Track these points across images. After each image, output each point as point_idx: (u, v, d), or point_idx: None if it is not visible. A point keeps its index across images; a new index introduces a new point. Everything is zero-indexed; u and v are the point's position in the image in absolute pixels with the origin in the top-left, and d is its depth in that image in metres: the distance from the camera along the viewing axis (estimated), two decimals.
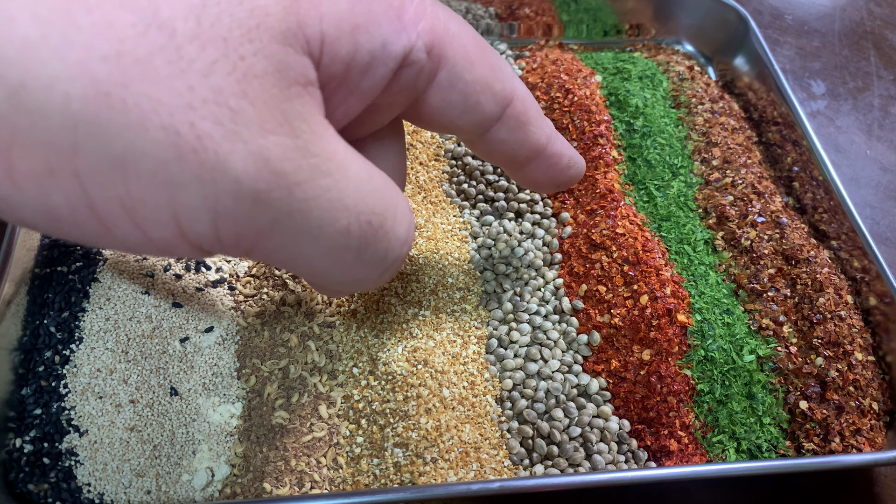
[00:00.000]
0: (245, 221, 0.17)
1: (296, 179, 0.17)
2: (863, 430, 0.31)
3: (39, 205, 0.16)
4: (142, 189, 0.16)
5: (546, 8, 0.51)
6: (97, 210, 0.16)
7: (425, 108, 0.23)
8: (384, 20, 0.20)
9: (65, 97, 0.15)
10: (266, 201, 0.17)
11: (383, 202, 0.20)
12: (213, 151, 0.16)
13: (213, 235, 0.17)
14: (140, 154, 0.15)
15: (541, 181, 0.28)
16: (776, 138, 0.43)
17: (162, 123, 0.15)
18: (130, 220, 0.16)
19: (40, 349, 0.30)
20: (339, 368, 0.32)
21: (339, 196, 0.18)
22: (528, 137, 0.26)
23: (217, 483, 0.29)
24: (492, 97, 0.24)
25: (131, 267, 0.32)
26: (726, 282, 0.36)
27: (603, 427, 0.31)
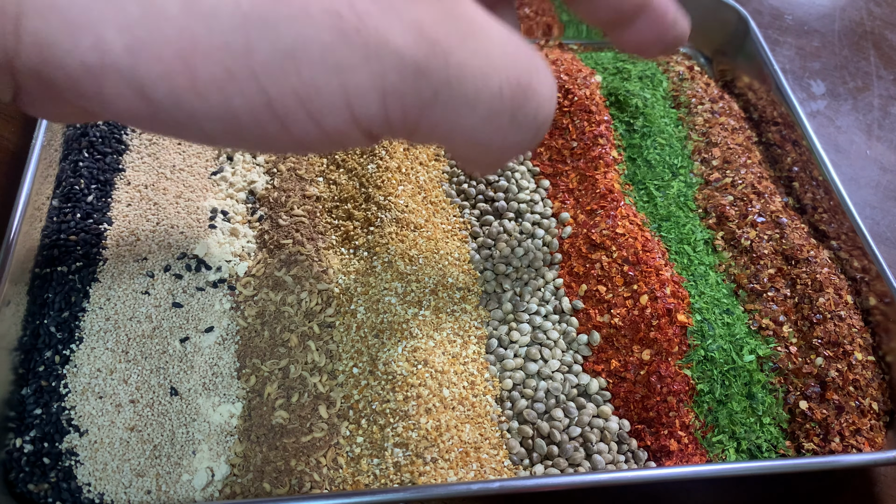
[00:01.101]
0: (410, 96, 0.17)
1: (448, 45, 0.17)
2: (863, 430, 0.31)
3: (222, 111, 0.17)
4: (314, 77, 0.16)
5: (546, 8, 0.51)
6: (275, 107, 0.17)
7: None
8: None
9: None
10: (426, 72, 0.17)
11: (527, 61, 0.20)
12: (374, 28, 0.16)
13: (383, 115, 0.18)
14: (308, 41, 0.16)
15: (648, 41, 0.28)
16: (776, 138, 0.43)
17: (323, 7, 0.16)
18: (306, 111, 0.17)
19: (40, 349, 0.30)
20: (339, 368, 0.32)
21: (487, 59, 0.18)
22: None
23: (217, 483, 0.29)
24: None
25: (131, 267, 0.32)
26: (726, 282, 0.36)
27: (603, 427, 0.31)
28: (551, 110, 0.21)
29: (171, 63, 0.16)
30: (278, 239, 0.35)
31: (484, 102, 0.19)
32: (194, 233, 0.34)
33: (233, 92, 0.16)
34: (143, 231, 0.34)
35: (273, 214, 0.36)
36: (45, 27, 0.15)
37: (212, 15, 0.15)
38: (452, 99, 0.18)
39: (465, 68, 0.18)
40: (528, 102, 0.20)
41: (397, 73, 0.17)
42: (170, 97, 0.16)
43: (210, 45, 0.16)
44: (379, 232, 0.35)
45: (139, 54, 0.15)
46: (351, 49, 0.16)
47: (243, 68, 0.16)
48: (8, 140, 0.42)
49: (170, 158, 0.37)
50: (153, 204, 0.35)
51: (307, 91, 0.17)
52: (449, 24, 0.17)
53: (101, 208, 0.34)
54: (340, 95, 0.17)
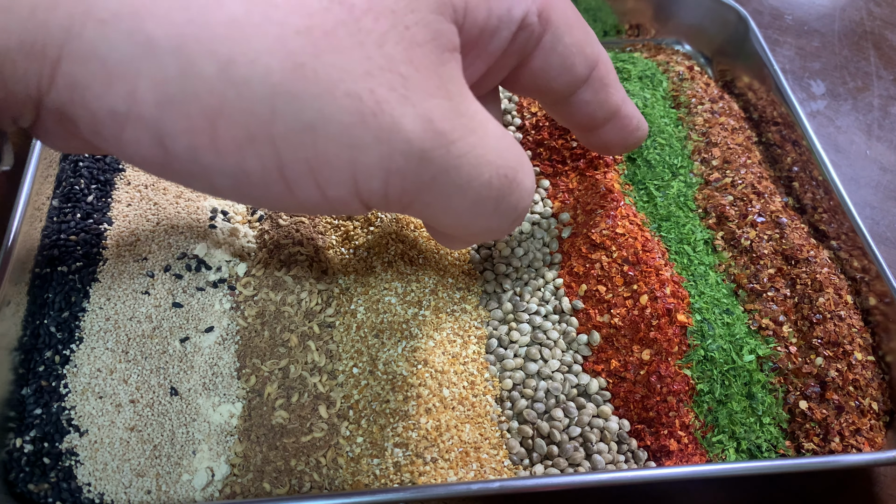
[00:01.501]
0: (411, 178, 0.19)
1: (452, 138, 0.19)
2: (862, 430, 0.31)
3: (235, 169, 0.18)
4: (328, 151, 0.17)
5: None
6: (285, 172, 0.18)
7: (526, 71, 0.25)
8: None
9: (266, 69, 0.16)
10: (430, 159, 0.18)
11: (515, 157, 0.21)
12: (390, 115, 0.17)
13: (383, 192, 0.19)
14: (328, 119, 0.17)
15: (612, 142, 0.30)
16: (776, 138, 0.43)
17: (347, 90, 0.17)
18: (314, 180, 0.18)
19: (40, 349, 0.30)
20: (339, 368, 0.32)
21: (483, 152, 0.20)
22: (608, 98, 0.28)
23: (217, 483, 0.29)
24: (584, 59, 0.26)
25: (131, 267, 0.32)
26: (726, 282, 0.36)
27: (603, 427, 0.31)
28: (529, 202, 0.23)
29: (196, 120, 0.16)
30: (278, 239, 0.35)
31: (474, 190, 0.20)
32: (194, 233, 0.34)
33: (249, 154, 0.17)
34: (143, 231, 0.34)
35: (273, 214, 0.36)
36: (82, 71, 0.16)
37: (244, 82, 0.16)
38: (448, 184, 0.19)
39: (463, 159, 0.19)
40: (512, 194, 0.21)
41: (403, 157, 0.18)
42: (188, 151, 0.17)
43: (237, 109, 0.16)
44: (379, 232, 0.36)
45: (167, 109, 0.16)
46: (366, 130, 0.17)
47: (264, 134, 0.17)
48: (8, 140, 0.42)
49: None
50: (153, 204, 0.35)
51: (319, 162, 0.18)
52: (455, 119, 0.19)
53: (101, 208, 0.34)
54: (348, 170, 0.18)
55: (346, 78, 0.17)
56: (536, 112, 0.42)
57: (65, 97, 0.17)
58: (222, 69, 0.16)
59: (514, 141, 0.22)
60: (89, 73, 0.16)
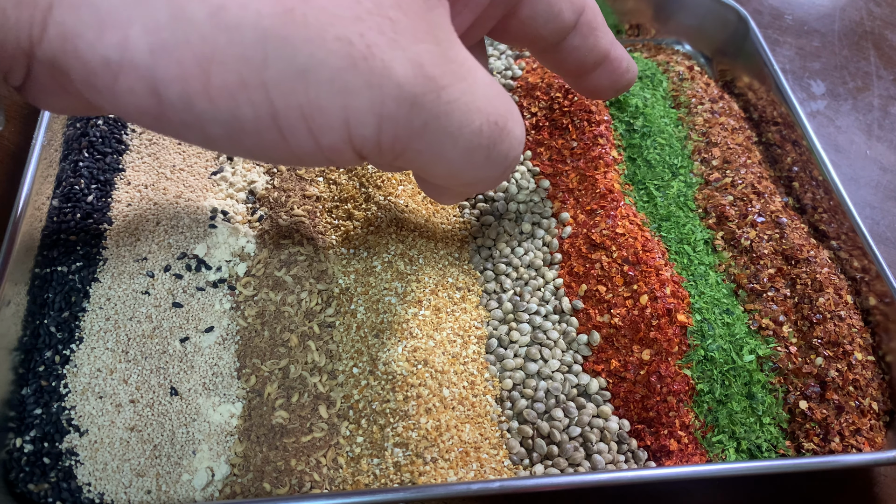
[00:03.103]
0: (403, 124, 0.19)
1: (442, 83, 0.19)
2: (862, 430, 0.31)
3: (229, 117, 0.17)
4: (320, 96, 0.17)
5: None
6: (279, 119, 0.18)
7: (514, 19, 0.25)
8: None
9: (257, 14, 0.16)
10: (420, 104, 0.18)
11: (504, 105, 0.21)
12: (380, 59, 0.17)
13: (375, 139, 0.19)
14: (319, 63, 0.17)
15: (603, 86, 0.30)
16: (776, 138, 0.43)
17: (337, 34, 0.17)
18: (307, 127, 0.18)
19: (40, 349, 0.30)
20: (339, 368, 0.32)
21: (472, 99, 0.20)
22: (597, 43, 0.28)
23: (217, 483, 0.29)
24: (570, 5, 0.26)
25: (131, 267, 0.32)
26: (726, 282, 0.36)
27: (603, 427, 0.31)
28: (520, 151, 0.23)
29: (189, 67, 0.16)
30: (278, 239, 0.35)
31: (465, 138, 0.20)
32: (194, 233, 0.34)
33: (242, 100, 0.17)
34: (143, 231, 0.34)
35: (273, 214, 0.36)
36: (73, 19, 0.16)
37: (235, 27, 0.16)
38: (438, 131, 0.19)
39: (454, 105, 0.19)
40: (503, 142, 0.21)
41: (395, 102, 0.18)
42: (181, 98, 0.17)
43: (229, 55, 0.16)
44: (379, 232, 0.36)
45: (160, 55, 0.16)
46: (357, 75, 0.17)
47: (256, 80, 0.17)
48: (8, 140, 0.42)
49: (170, 158, 0.37)
50: (153, 204, 0.35)
51: (311, 108, 0.17)
52: (445, 64, 0.19)
53: (101, 208, 0.34)
54: (341, 116, 0.18)
55: (336, 22, 0.17)
56: (536, 112, 0.42)
57: (57, 47, 0.17)
58: (213, 14, 0.16)
59: (502, 89, 0.22)
60: (81, 21, 0.16)
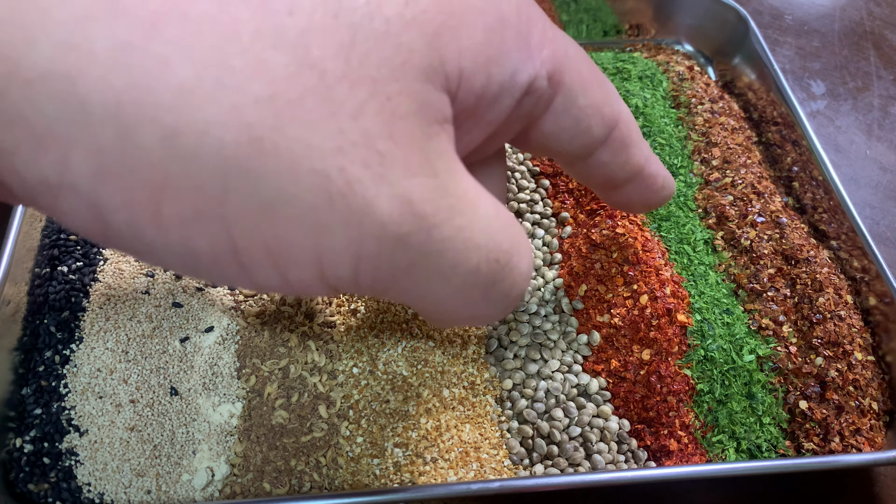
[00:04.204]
0: (385, 264, 0.17)
1: (434, 221, 0.17)
2: (862, 430, 0.31)
3: (182, 249, 0.16)
4: (288, 233, 0.16)
5: (546, 8, 0.51)
6: (239, 254, 0.16)
7: (537, 133, 0.23)
8: (514, 49, 0.19)
9: (218, 143, 0.14)
10: (407, 244, 0.17)
11: (509, 238, 0.19)
12: (362, 195, 0.15)
13: (352, 277, 0.17)
14: (289, 198, 0.15)
15: (634, 202, 0.28)
16: (776, 138, 0.43)
17: (313, 167, 0.15)
18: (272, 263, 0.16)
19: (40, 349, 0.30)
20: (339, 368, 0.32)
21: (471, 235, 0.18)
22: (629, 159, 0.25)
23: (217, 483, 0.29)
24: (601, 120, 0.23)
25: (131, 267, 0.32)
26: (726, 282, 0.36)
27: (603, 427, 0.31)
28: (525, 287, 0.21)
29: (136, 195, 0.15)
30: None
31: (459, 277, 0.18)
32: None
33: (197, 233, 0.15)
34: None
35: None
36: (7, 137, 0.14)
37: (191, 156, 0.14)
38: (427, 271, 0.18)
39: (447, 243, 0.17)
40: (504, 281, 0.20)
41: (376, 242, 0.16)
42: (128, 226, 0.15)
43: (183, 185, 0.15)
44: None
45: (103, 181, 0.15)
46: (332, 213, 0.15)
47: (214, 213, 0.15)
48: None
49: None
50: None
51: (278, 245, 0.16)
52: (440, 199, 0.17)
53: None
54: (312, 254, 0.16)
55: (313, 154, 0.15)
56: None
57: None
58: (166, 140, 0.14)
59: (510, 220, 0.20)
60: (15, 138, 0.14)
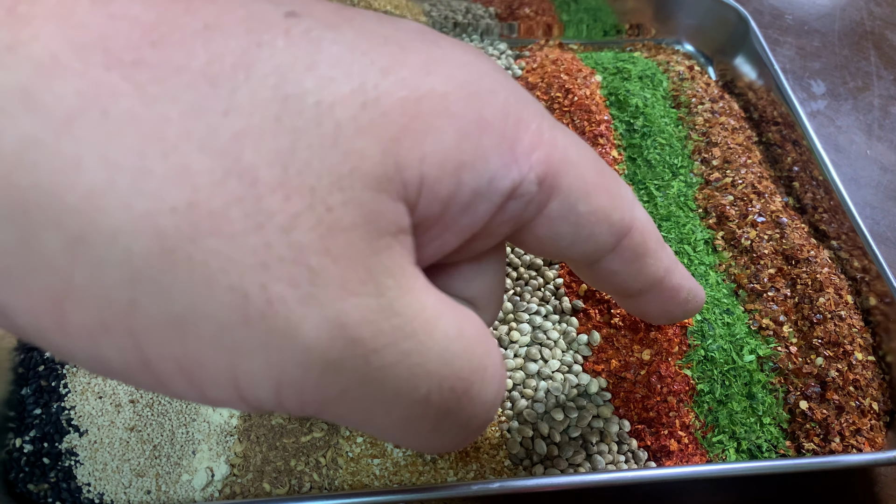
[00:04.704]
0: (311, 391, 0.15)
1: (374, 346, 0.15)
2: (863, 430, 0.31)
3: (91, 357, 0.15)
4: (200, 352, 0.15)
5: (546, 8, 0.51)
6: (151, 367, 0.15)
7: (529, 236, 0.21)
8: (493, 154, 0.17)
9: (126, 252, 0.13)
10: (337, 370, 0.15)
11: (471, 364, 0.17)
12: (284, 317, 0.14)
13: (275, 401, 0.16)
14: (202, 316, 0.14)
15: (652, 313, 0.26)
16: (776, 138, 0.43)
17: (230, 284, 0.14)
18: (186, 379, 0.15)
19: (40, 349, 0.30)
20: None
21: (420, 361, 0.16)
22: (643, 270, 0.23)
23: (217, 483, 0.29)
24: (607, 228, 0.21)
25: None
26: (726, 282, 0.36)
27: (603, 427, 0.31)
28: (488, 417, 0.19)
29: (38, 301, 0.14)
30: None
31: (403, 407, 0.16)
32: None
33: (105, 344, 0.14)
34: None
35: None
36: None
37: (96, 264, 0.13)
38: (364, 399, 0.16)
39: (389, 370, 0.16)
40: (460, 411, 0.18)
41: (299, 368, 0.15)
42: (33, 329, 0.15)
43: (87, 294, 0.14)
44: None
45: (4, 282, 0.14)
46: (249, 334, 0.14)
47: (121, 325, 0.14)
48: None
49: None
50: None
51: (190, 363, 0.15)
52: (383, 320, 0.15)
53: None
54: (227, 375, 0.15)
55: (231, 269, 0.14)
56: None
57: None
58: (70, 246, 0.13)
59: (478, 338, 0.18)
60: None
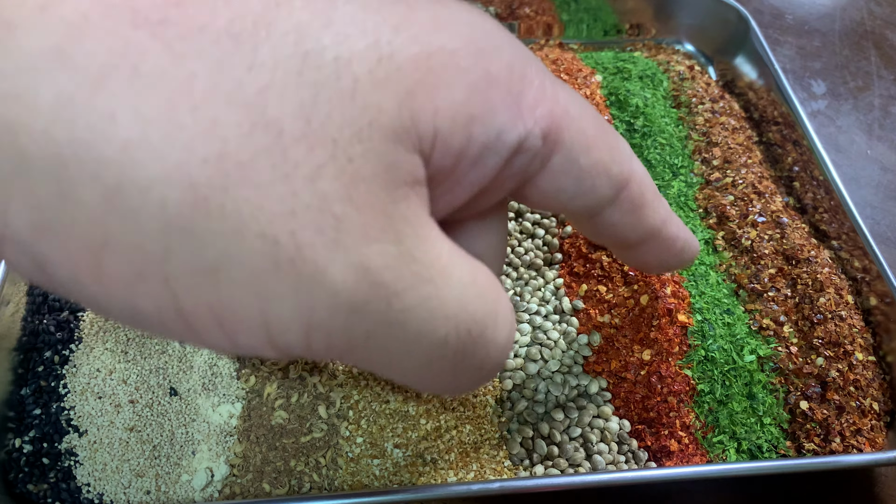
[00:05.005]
0: (338, 333, 0.16)
1: (395, 289, 0.16)
2: (863, 431, 0.31)
3: (127, 307, 0.15)
4: (233, 298, 0.15)
5: (546, 8, 0.51)
6: (185, 315, 0.16)
7: (534, 190, 0.22)
8: (501, 108, 0.18)
9: (161, 201, 0.14)
10: (362, 313, 0.16)
11: (485, 308, 0.18)
12: (312, 262, 0.15)
13: (304, 345, 0.16)
14: (234, 262, 0.15)
15: (650, 263, 0.27)
16: (776, 138, 0.43)
17: (261, 231, 0.15)
18: (219, 326, 0.16)
19: (40, 349, 0.30)
20: (338, 368, 0.31)
21: (439, 304, 0.17)
22: (641, 220, 0.24)
23: (217, 483, 0.29)
24: (607, 180, 0.22)
25: None
26: (727, 282, 0.36)
27: (603, 427, 0.31)
28: (502, 360, 0.20)
29: (76, 252, 0.14)
30: None
31: (424, 349, 0.17)
32: None
33: (141, 293, 0.15)
34: None
35: None
36: None
37: (132, 214, 0.14)
38: (388, 341, 0.17)
39: (410, 313, 0.16)
40: (476, 354, 0.19)
41: (328, 311, 0.16)
42: (71, 281, 0.15)
43: (124, 244, 0.14)
44: None
45: (43, 235, 0.14)
46: (280, 279, 0.15)
47: (156, 273, 0.15)
48: None
49: None
50: None
51: (223, 309, 0.15)
52: (403, 266, 0.16)
53: None
54: (259, 320, 0.16)
55: (261, 217, 0.14)
56: None
57: None
58: (107, 197, 0.14)
59: (490, 285, 0.19)
60: None
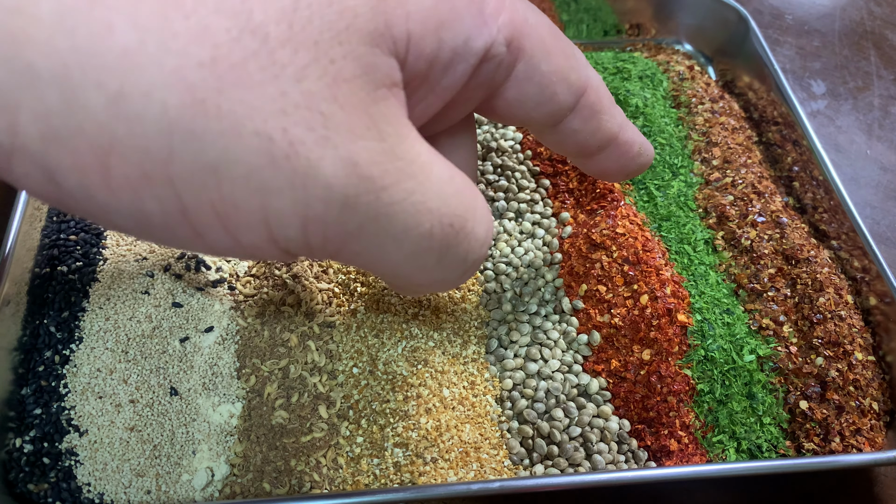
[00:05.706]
0: (333, 226, 0.17)
1: (382, 184, 0.17)
2: (863, 430, 0.31)
3: (133, 210, 0.16)
4: (234, 195, 0.16)
5: (546, 8, 0.51)
6: (189, 216, 0.16)
7: (500, 101, 0.23)
8: (466, 15, 0.19)
9: (162, 104, 0.15)
10: (354, 206, 0.17)
11: (464, 203, 0.20)
12: (305, 157, 0.16)
13: (302, 240, 0.17)
14: (233, 160, 0.15)
15: (611, 170, 0.28)
16: (776, 138, 0.43)
17: (256, 129, 0.15)
18: (222, 225, 0.17)
19: (40, 349, 0.30)
20: (339, 368, 0.32)
21: (422, 199, 0.18)
22: (600, 126, 0.25)
23: (217, 483, 0.29)
24: (567, 87, 0.23)
25: (131, 267, 0.32)
26: (726, 281, 0.36)
27: (603, 427, 0.31)
28: (482, 253, 0.21)
29: (85, 158, 0.15)
30: None
31: (411, 241, 0.18)
32: None
33: (147, 195, 0.16)
34: None
35: None
36: None
37: (136, 117, 0.15)
38: (378, 234, 0.18)
39: (397, 206, 0.17)
40: (459, 245, 0.20)
41: (322, 204, 0.17)
42: (80, 189, 0.16)
43: (129, 147, 0.15)
44: None
45: (52, 143, 0.15)
46: (277, 174, 0.16)
47: (161, 175, 0.15)
48: None
49: None
50: None
51: (225, 206, 0.16)
52: (388, 162, 0.17)
53: None
54: (259, 216, 0.17)
55: (255, 116, 0.15)
56: None
57: None
58: (111, 102, 0.15)
59: (466, 184, 0.20)
60: None
